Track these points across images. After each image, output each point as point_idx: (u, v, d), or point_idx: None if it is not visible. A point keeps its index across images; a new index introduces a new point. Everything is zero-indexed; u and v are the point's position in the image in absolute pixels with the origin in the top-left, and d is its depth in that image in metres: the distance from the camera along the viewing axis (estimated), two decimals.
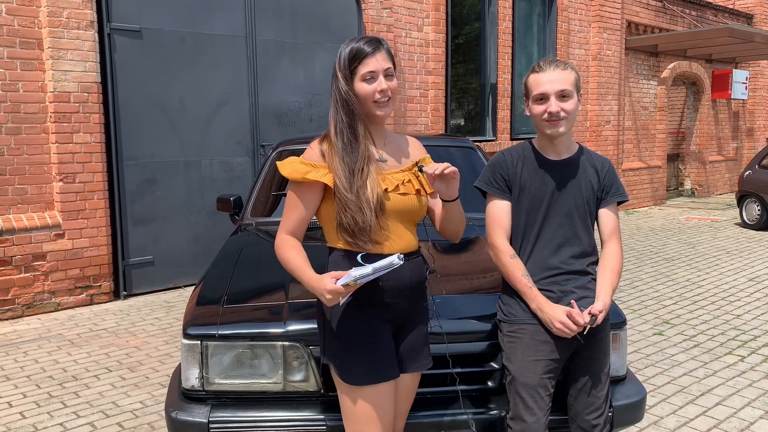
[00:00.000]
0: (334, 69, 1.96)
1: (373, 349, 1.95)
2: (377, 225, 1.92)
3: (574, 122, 2.26)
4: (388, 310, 1.99)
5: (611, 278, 2.22)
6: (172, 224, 6.52)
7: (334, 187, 1.92)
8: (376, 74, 1.93)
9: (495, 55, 9.55)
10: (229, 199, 4.04)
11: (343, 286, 1.78)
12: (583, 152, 2.34)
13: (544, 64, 2.23)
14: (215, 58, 6.65)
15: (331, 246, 2.02)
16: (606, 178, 2.31)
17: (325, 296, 1.81)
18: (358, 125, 1.95)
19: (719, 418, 3.55)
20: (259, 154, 7.05)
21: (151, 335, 5.07)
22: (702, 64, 13.77)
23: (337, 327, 1.96)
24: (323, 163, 1.95)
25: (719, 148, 14.91)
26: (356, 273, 1.78)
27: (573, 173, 2.27)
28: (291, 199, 2.00)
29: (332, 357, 1.98)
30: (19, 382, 4.17)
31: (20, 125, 5.55)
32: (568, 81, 2.19)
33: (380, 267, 1.77)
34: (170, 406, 2.32)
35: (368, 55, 1.92)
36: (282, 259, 1.98)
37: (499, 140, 9.62)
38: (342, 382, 1.96)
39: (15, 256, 5.55)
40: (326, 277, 1.83)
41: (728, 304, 5.81)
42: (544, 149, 2.30)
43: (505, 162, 2.31)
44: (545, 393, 2.16)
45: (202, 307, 2.48)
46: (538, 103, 2.22)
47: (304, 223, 2.00)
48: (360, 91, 1.93)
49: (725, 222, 10.73)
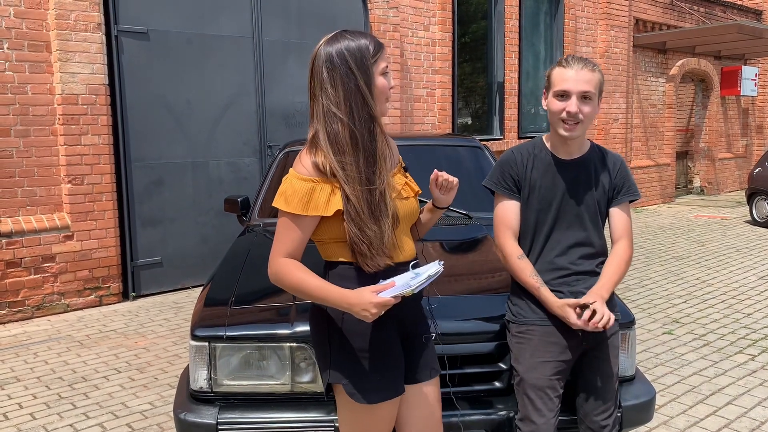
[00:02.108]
0: (347, 65, 1.75)
1: (387, 365, 1.85)
2: (393, 237, 1.80)
3: (589, 126, 2.20)
4: (397, 322, 1.90)
5: (614, 273, 2.18)
6: (180, 225, 6.54)
7: (349, 206, 1.74)
8: (388, 69, 1.83)
9: (502, 54, 9.52)
10: (236, 200, 4.04)
11: (393, 297, 1.66)
12: (595, 150, 2.29)
13: (572, 60, 2.13)
14: (222, 59, 6.66)
15: (332, 260, 1.86)
16: (618, 176, 2.27)
17: (370, 311, 1.66)
18: (377, 126, 1.79)
19: (730, 418, 3.53)
20: (267, 155, 7.06)
21: (160, 336, 5.09)
22: (711, 61, 13.68)
23: (350, 345, 1.82)
24: (323, 177, 1.76)
25: (729, 146, 14.82)
26: (414, 282, 1.67)
27: (585, 173, 2.23)
28: (286, 223, 1.79)
29: (342, 377, 1.83)
30: (30, 383, 4.19)
31: (29, 128, 5.58)
32: (593, 83, 2.11)
33: (432, 274, 1.69)
34: (179, 407, 2.32)
35: (384, 48, 1.82)
36: (291, 283, 1.77)
37: (506, 139, 9.60)
38: (353, 402, 1.83)
39: (24, 257, 5.58)
40: (365, 290, 1.69)
41: (738, 303, 5.77)
42: (556, 148, 2.25)
43: (515, 161, 2.26)
44: (554, 394, 2.15)
45: (209, 308, 2.48)
46: (559, 99, 2.13)
47: (303, 245, 1.81)
48: (380, 86, 1.79)
49: (735, 220, 10.66)
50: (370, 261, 1.77)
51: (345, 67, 1.75)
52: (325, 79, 1.76)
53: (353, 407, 1.85)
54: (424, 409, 1.98)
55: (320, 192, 1.76)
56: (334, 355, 1.85)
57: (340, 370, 1.84)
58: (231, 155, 6.84)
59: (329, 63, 1.76)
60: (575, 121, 2.12)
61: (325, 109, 1.76)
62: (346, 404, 1.87)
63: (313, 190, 1.76)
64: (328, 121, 1.76)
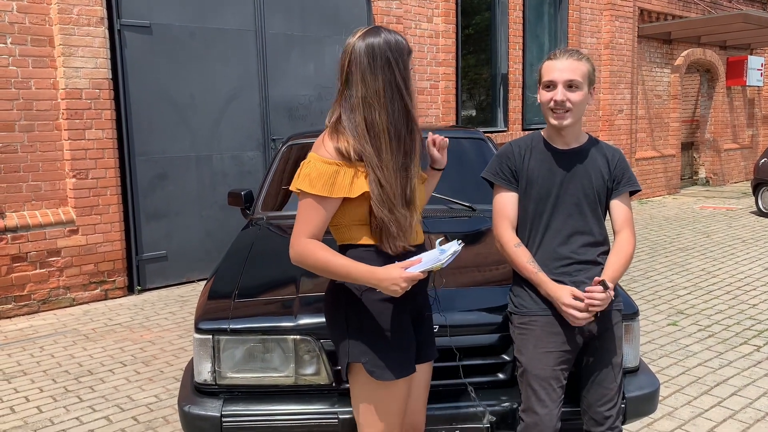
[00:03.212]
0: (389, 58, 1.82)
1: (404, 343, 1.92)
2: (417, 221, 1.91)
3: (581, 115, 2.24)
4: (411, 302, 1.97)
5: (617, 263, 2.20)
6: (184, 219, 6.56)
7: (380, 190, 1.81)
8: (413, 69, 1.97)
9: (506, 45, 9.48)
10: (240, 193, 4.05)
11: (422, 272, 1.74)
12: (593, 142, 2.32)
13: (559, 52, 2.21)
14: (225, 53, 6.66)
15: (349, 243, 1.92)
16: (617, 168, 2.29)
17: (400, 284, 1.74)
18: (412, 118, 1.87)
19: (734, 409, 3.52)
20: (270, 148, 7.07)
21: (165, 329, 5.11)
22: (716, 51, 13.60)
23: (368, 323, 1.89)
24: (345, 161, 1.82)
25: (734, 136, 14.74)
26: (442, 256, 1.75)
27: (582, 162, 2.26)
28: (310, 205, 1.84)
29: (362, 355, 1.88)
30: (36, 376, 4.21)
31: (33, 122, 5.59)
32: (579, 72, 2.17)
33: (455, 251, 1.78)
34: (183, 400, 2.33)
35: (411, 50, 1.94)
36: (315, 263, 1.82)
37: (510, 131, 9.57)
38: (373, 380, 1.89)
39: (30, 252, 5.60)
40: (393, 266, 1.77)
41: (743, 294, 5.75)
42: (552, 139, 2.29)
43: (512, 153, 2.31)
44: (557, 385, 2.15)
45: (213, 301, 2.49)
46: (547, 89, 2.21)
47: (325, 226, 1.87)
48: (414, 83, 1.91)
49: (740, 211, 10.62)
50: (397, 242, 1.85)
51: (389, 59, 1.82)
52: (366, 68, 1.82)
53: (372, 386, 1.90)
54: (417, 389, 2.10)
55: (344, 175, 1.82)
56: (352, 335, 1.90)
57: (360, 349, 1.89)
58: (234, 149, 6.84)
59: (371, 53, 1.82)
60: (564, 110, 2.17)
61: (363, 98, 1.82)
62: (365, 384, 1.92)
63: (337, 173, 1.82)
64: (366, 109, 1.82)
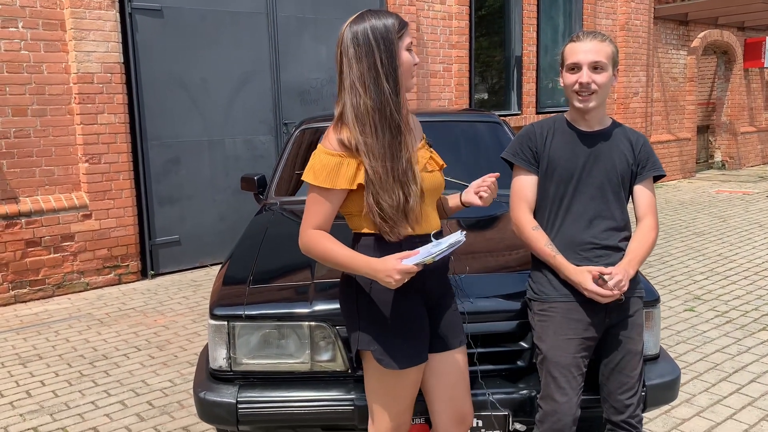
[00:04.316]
0: (370, 42, 1.81)
1: (414, 333, 1.93)
2: (419, 207, 1.87)
3: (605, 97, 2.20)
4: (423, 292, 1.96)
5: (638, 249, 2.16)
6: (197, 203, 6.55)
7: (370, 173, 1.81)
8: (412, 46, 1.91)
9: (520, 27, 9.35)
10: (253, 178, 4.02)
11: (416, 264, 1.72)
12: (617, 126, 2.27)
13: (582, 34, 2.17)
14: (236, 36, 6.60)
15: (358, 232, 1.95)
16: (642, 152, 2.24)
17: (394, 277, 1.72)
18: (400, 101, 1.85)
19: (754, 396, 3.48)
20: (282, 132, 7.03)
21: (179, 314, 5.12)
22: (734, 32, 13.37)
23: (377, 313, 1.90)
24: (348, 152, 1.83)
25: (751, 119, 14.53)
26: (435, 249, 1.73)
27: (606, 145, 2.21)
28: (315, 197, 1.87)
29: (370, 343, 1.91)
30: (51, 361, 4.24)
31: (45, 107, 5.58)
32: (603, 53, 2.12)
33: (453, 243, 1.74)
34: (198, 386, 2.32)
35: (408, 26, 1.89)
36: (319, 253, 1.86)
37: (524, 114, 9.47)
38: (382, 368, 1.91)
39: (44, 237, 5.62)
40: (390, 258, 1.76)
41: (761, 279, 5.68)
42: (576, 121, 2.24)
43: (534, 134, 2.26)
44: (578, 372, 2.12)
45: (228, 287, 2.47)
46: (571, 72, 2.16)
47: (332, 217, 1.89)
48: (406, 62, 1.86)
49: (757, 195, 10.49)
50: (391, 230, 1.84)
51: (370, 42, 1.81)
52: (352, 55, 1.82)
53: (381, 374, 1.94)
54: (451, 376, 2.06)
55: (347, 166, 1.83)
56: (362, 323, 1.93)
57: (369, 337, 1.92)
58: (247, 133, 6.81)
59: (355, 39, 1.82)
60: (589, 92, 2.13)
61: (351, 84, 1.83)
62: (375, 371, 1.95)
63: (340, 165, 1.83)
64: (353, 95, 1.83)
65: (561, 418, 2.09)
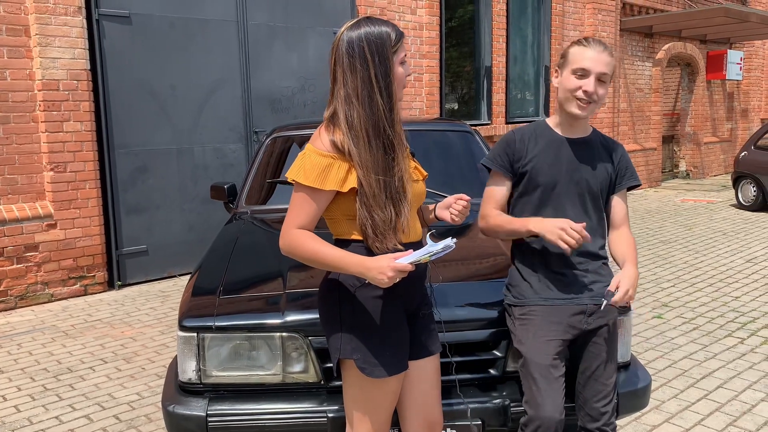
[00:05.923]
0: (365, 54, 1.79)
1: (397, 341, 1.91)
2: (407, 222, 1.86)
3: (597, 110, 2.22)
4: (404, 299, 1.95)
5: (631, 253, 2.17)
6: (165, 213, 6.45)
7: (364, 185, 1.79)
8: (406, 59, 1.90)
9: (489, 38, 9.44)
10: (222, 187, 3.97)
11: (411, 263, 1.71)
12: (597, 134, 2.30)
13: (592, 41, 2.15)
14: (206, 44, 6.54)
15: (342, 238, 1.91)
16: (621, 162, 2.27)
17: (387, 274, 1.69)
18: (395, 114, 1.84)
19: (721, 401, 3.53)
20: (253, 141, 6.97)
21: (147, 325, 5.02)
22: (697, 45, 13.69)
23: (362, 319, 1.87)
24: (340, 154, 1.81)
25: (714, 129, 14.88)
26: (432, 249, 1.73)
27: (587, 152, 2.23)
28: (302, 197, 1.83)
29: (354, 352, 1.87)
30: (13, 375, 4.11)
31: (9, 114, 5.45)
32: (610, 66, 2.14)
33: (445, 247, 1.74)
34: (167, 399, 2.27)
35: (404, 37, 1.87)
36: (305, 253, 1.81)
37: (494, 124, 9.55)
38: (364, 377, 1.88)
39: (6, 247, 5.47)
40: (384, 257, 1.73)
41: (726, 286, 5.79)
42: (561, 126, 2.24)
43: (514, 141, 2.25)
44: (557, 374, 2.12)
45: (197, 298, 2.42)
46: (577, 77, 2.13)
47: (317, 219, 1.85)
48: (398, 75, 1.85)
49: (721, 203, 10.72)
50: (379, 243, 1.83)
51: (365, 54, 1.79)
52: (346, 65, 1.81)
53: (363, 383, 1.90)
54: (425, 384, 2.05)
55: (338, 168, 1.81)
56: (345, 331, 1.89)
57: (352, 345, 1.88)
58: (216, 141, 6.74)
59: (350, 49, 1.80)
60: (588, 101, 2.13)
61: (345, 95, 1.82)
62: (356, 380, 1.92)
63: (330, 166, 1.81)
64: (347, 106, 1.81)
65: (544, 421, 2.07)
